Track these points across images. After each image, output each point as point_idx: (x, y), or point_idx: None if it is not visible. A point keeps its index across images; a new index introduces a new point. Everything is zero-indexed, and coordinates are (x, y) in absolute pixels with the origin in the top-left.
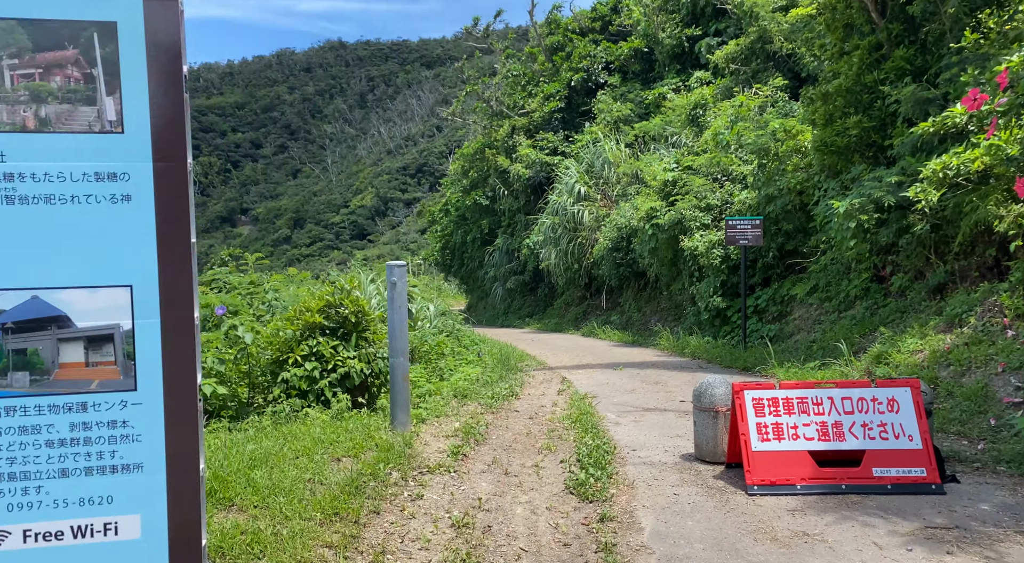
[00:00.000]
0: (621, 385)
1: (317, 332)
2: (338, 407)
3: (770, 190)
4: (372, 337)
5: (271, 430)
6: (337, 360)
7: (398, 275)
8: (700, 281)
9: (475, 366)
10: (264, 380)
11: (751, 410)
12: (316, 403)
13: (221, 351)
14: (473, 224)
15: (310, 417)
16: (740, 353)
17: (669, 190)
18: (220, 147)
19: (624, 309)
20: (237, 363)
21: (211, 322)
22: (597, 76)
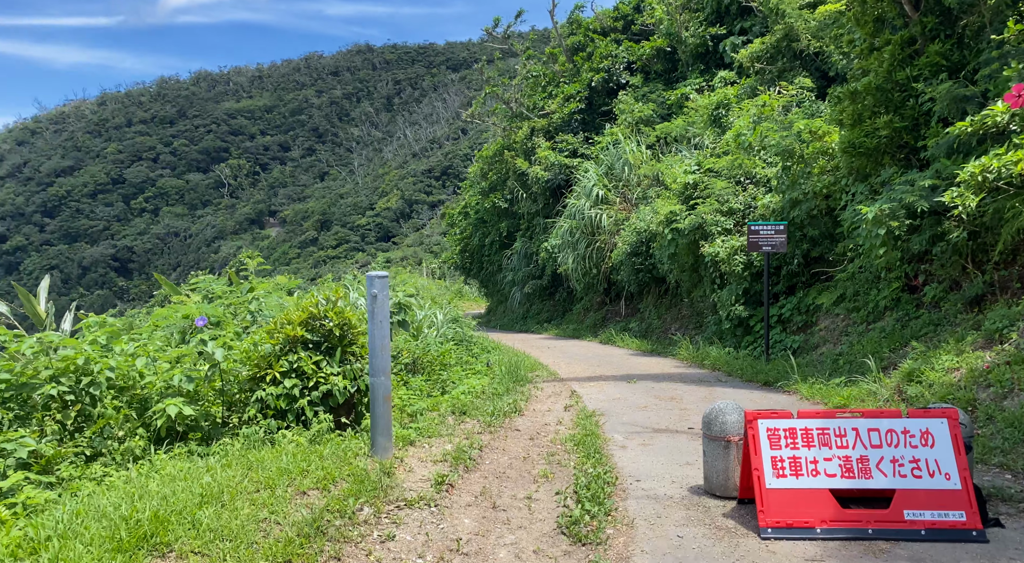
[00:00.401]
0: (633, 401)
1: (299, 346)
2: (318, 428)
3: (795, 194)
4: (360, 352)
5: (239, 456)
6: (319, 377)
7: (379, 287)
8: (722, 289)
9: (482, 377)
10: (242, 398)
11: (765, 442)
12: (296, 424)
13: (193, 368)
14: (492, 227)
15: (286, 440)
16: (762, 366)
17: (690, 193)
18: (249, 150)
19: (644, 316)
20: (209, 380)
21: (190, 334)
22: (619, 76)
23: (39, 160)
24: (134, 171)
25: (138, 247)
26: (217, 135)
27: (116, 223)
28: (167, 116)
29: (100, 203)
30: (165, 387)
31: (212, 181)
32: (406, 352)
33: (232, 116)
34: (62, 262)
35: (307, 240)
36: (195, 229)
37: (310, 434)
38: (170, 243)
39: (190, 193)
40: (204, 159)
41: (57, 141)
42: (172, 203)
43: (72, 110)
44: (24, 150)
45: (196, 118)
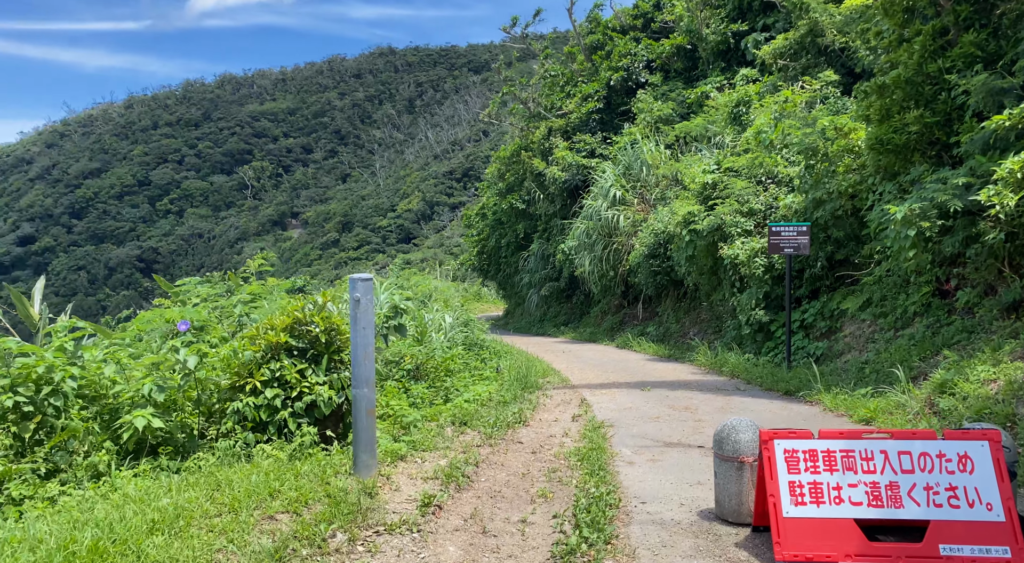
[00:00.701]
0: (645, 411)
1: (282, 354)
2: (301, 442)
3: (818, 193)
4: (349, 359)
5: (208, 474)
6: (303, 386)
7: (362, 290)
8: (741, 292)
9: (491, 383)
10: (222, 409)
11: (782, 464)
12: (278, 437)
13: (168, 376)
14: (509, 228)
15: (264, 455)
16: (783, 374)
17: (708, 193)
18: (272, 152)
19: (662, 320)
20: (184, 390)
21: (171, 340)
22: (638, 75)
23: (67, 162)
24: (159, 173)
25: (163, 248)
26: (241, 137)
27: (142, 224)
28: (192, 119)
29: (126, 205)
30: (135, 397)
31: (236, 183)
32: (409, 358)
33: (256, 118)
34: (89, 263)
35: (329, 241)
36: (218, 230)
37: (291, 448)
38: (194, 244)
39: (214, 195)
40: (228, 161)
41: (85, 144)
42: (196, 205)
43: (100, 113)
44: (53, 152)
45: (220, 121)
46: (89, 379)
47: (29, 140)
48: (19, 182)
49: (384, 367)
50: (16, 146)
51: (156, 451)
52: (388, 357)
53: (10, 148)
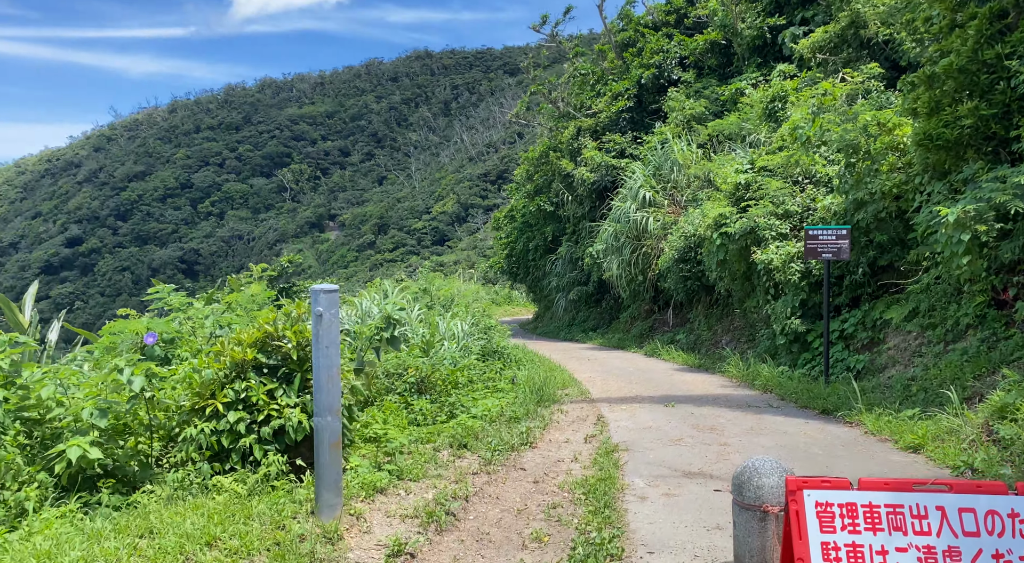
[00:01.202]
0: (667, 431)
1: (250, 372)
2: (266, 472)
3: (860, 194)
4: None
5: (147, 514)
6: (272, 409)
7: (325, 304)
8: (776, 300)
9: (505, 395)
10: (182, 433)
11: (813, 521)
12: (242, 465)
13: (114, 398)
14: (537, 231)
15: (221, 489)
16: (819, 389)
17: (741, 194)
18: (311, 155)
19: (693, 326)
20: (132, 413)
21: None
22: (670, 72)
23: (113, 166)
24: (201, 176)
25: (204, 249)
26: (280, 141)
27: (184, 226)
28: (233, 122)
29: (169, 207)
30: (76, 422)
31: (275, 185)
32: (412, 370)
33: (295, 122)
34: (133, 264)
35: (365, 243)
36: (258, 232)
37: (254, 480)
38: (234, 246)
39: (254, 197)
40: (267, 164)
41: (130, 147)
42: (237, 207)
43: (144, 117)
44: (100, 156)
45: (260, 124)
46: (31, 402)
47: (78, 144)
48: (68, 185)
49: (386, 380)
50: (66, 150)
51: (94, 484)
52: (390, 369)
53: (60, 152)
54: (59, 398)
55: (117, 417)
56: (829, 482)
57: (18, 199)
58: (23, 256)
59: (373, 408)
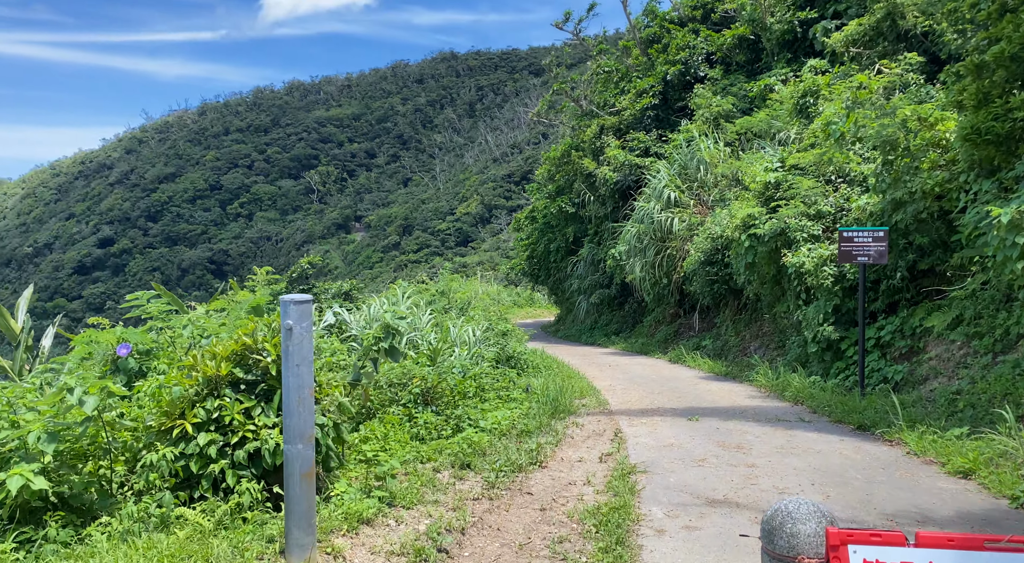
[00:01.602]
0: (690, 449)
1: (224, 389)
2: (238, 502)
3: (898, 193)
4: (317, 395)
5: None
6: (248, 430)
7: (296, 316)
8: (807, 305)
9: (518, 406)
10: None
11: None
12: (213, 492)
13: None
14: (558, 232)
15: (183, 522)
16: (855, 402)
17: (771, 194)
18: (337, 157)
19: (720, 332)
20: (84, 437)
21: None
22: (696, 69)
23: (144, 167)
24: (230, 177)
25: (233, 250)
26: (307, 143)
27: (213, 227)
28: (261, 125)
29: (198, 208)
30: (21, 447)
31: (302, 187)
32: (417, 380)
33: (322, 124)
34: (163, 264)
35: (390, 244)
36: (286, 233)
37: (224, 511)
38: (262, 247)
39: (282, 199)
40: (295, 166)
41: (161, 149)
42: (265, 208)
43: (175, 120)
44: (132, 158)
45: (288, 126)
46: None
47: (110, 146)
48: (100, 186)
49: (390, 390)
50: (98, 152)
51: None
52: (394, 379)
53: (93, 154)
54: (12, 418)
55: (74, 440)
56: (880, 536)
57: (53, 200)
58: (57, 256)
59: (374, 421)
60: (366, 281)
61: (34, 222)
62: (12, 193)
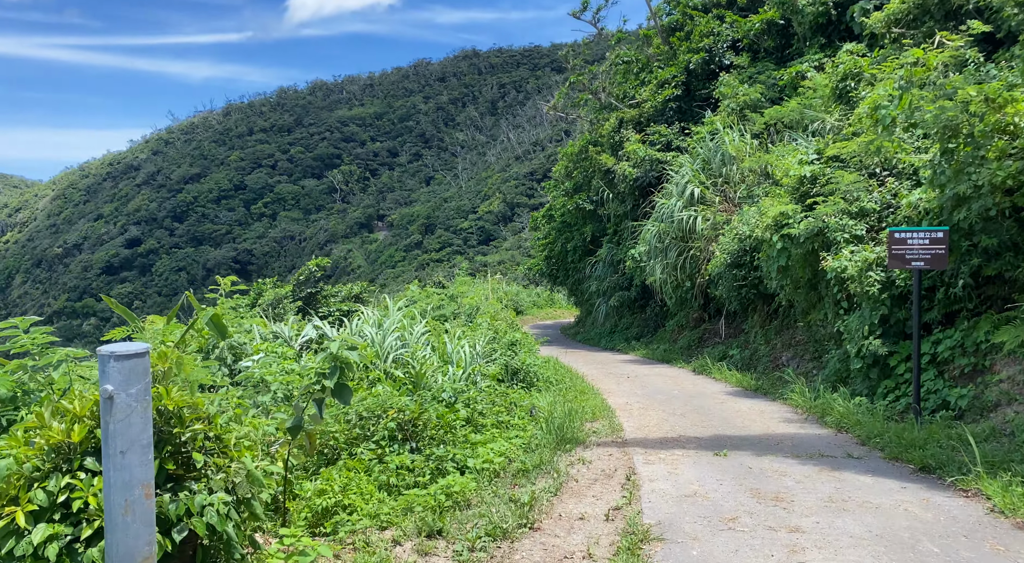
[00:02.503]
0: (717, 499)
1: (78, 459)
2: None
3: (960, 187)
4: (224, 468)
5: None
6: None
7: (119, 379)
8: (849, 313)
9: (517, 435)
10: None
11: None
12: None
13: None
14: (576, 231)
15: None
16: (912, 433)
17: (807, 189)
18: (360, 156)
19: (748, 339)
20: None
21: None
22: (721, 57)
23: (170, 168)
24: (254, 177)
25: (257, 250)
26: (330, 142)
27: (237, 227)
28: (285, 125)
29: (223, 208)
30: None
31: (325, 186)
32: (392, 412)
33: (344, 124)
34: (189, 264)
35: (412, 243)
36: (309, 233)
37: None
38: (286, 246)
39: (305, 198)
40: (318, 165)
41: (186, 150)
42: (288, 208)
43: (200, 121)
44: (158, 159)
45: (311, 126)
46: None
47: (137, 148)
48: (128, 188)
49: (359, 424)
50: (126, 154)
51: None
52: (364, 411)
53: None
54: None
55: None
56: None
57: (82, 202)
58: (86, 257)
59: (332, 469)
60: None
61: (64, 223)
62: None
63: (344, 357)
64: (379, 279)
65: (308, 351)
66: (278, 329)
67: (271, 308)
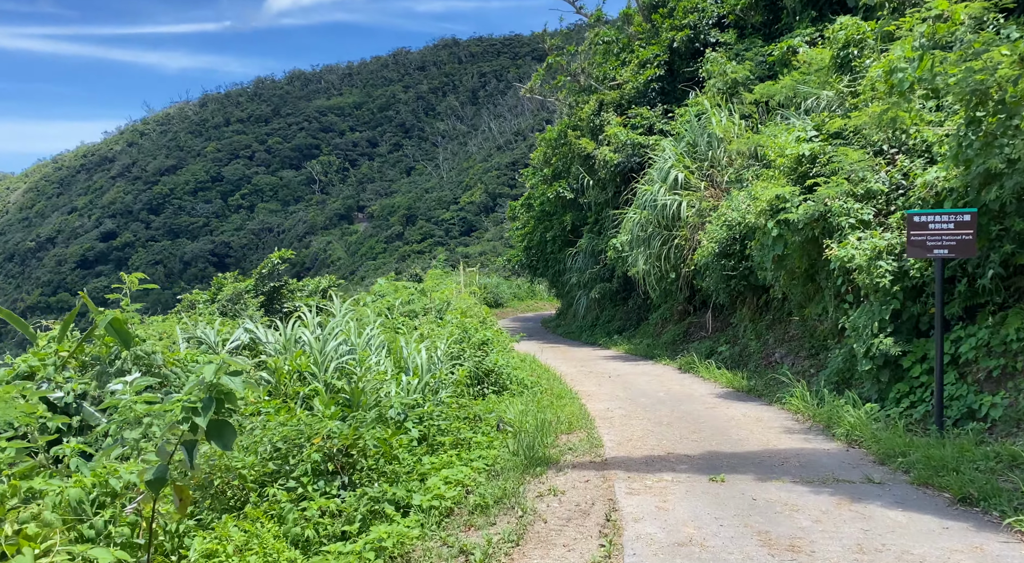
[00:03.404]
0: (716, 551)
1: None
2: None
3: (991, 161)
4: None
5: None
6: None
7: None
8: (854, 307)
9: (480, 455)
10: None
11: None
12: None
13: None
14: (556, 220)
15: None
16: (939, 449)
17: (805, 169)
18: (339, 146)
19: (737, 333)
20: None
21: None
22: (706, 34)
23: (146, 160)
24: (231, 169)
25: (235, 242)
26: (309, 132)
27: (215, 219)
28: (263, 115)
29: (200, 200)
30: None
31: (304, 178)
32: (318, 441)
33: (323, 113)
34: (166, 257)
35: (393, 234)
36: (287, 224)
37: None
38: (264, 238)
39: (283, 189)
40: (296, 156)
41: (162, 141)
42: (266, 199)
43: (176, 112)
44: (133, 151)
45: (289, 116)
46: None
47: (112, 140)
48: (102, 180)
49: (277, 456)
50: (100, 145)
51: None
52: (278, 442)
53: (95, 147)
54: None
55: None
56: None
57: (55, 195)
58: (60, 250)
59: (230, 519)
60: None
61: (36, 216)
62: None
63: (222, 386)
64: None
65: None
66: (202, 333)
67: (231, 304)
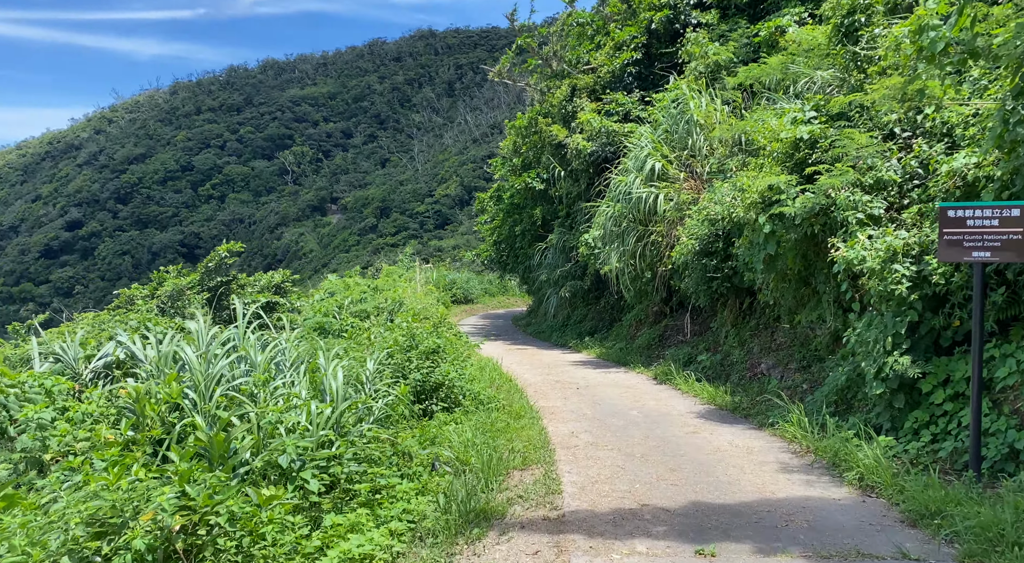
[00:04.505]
0: None
1: None
2: None
3: None
4: None
5: None
6: None
7: None
8: (859, 316)
9: (402, 510)
10: None
11: None
12: None
13: None
14: (525, 213)
15: None
16: (985, 507)
17: (803, 156)
18: (312, 137)
19: (718, 340)
20: None
21: None
22: (687, 15)
23: (113, 148)
24: (202, 158)
25: (204, 233)
26: (282, 122)
27: (184, 209)
28: (235, 104)
29: (169, 190)
30: None
31: (276, 168)
32: (147, 516)
33: (296, 103)
34: (133, 248)
35: (367, 227)
36: (259, 215)
37: None
38: (235, 229)
39: (255, 180)
40: (269, 146)
41: (131, 129)
42: (238, 190)
43: (146, 99)
44: (100, 139)
45: (262, 106)
46: None
47: (79, 126)
48: (68, 168)
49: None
50: (67, 132)
51: None
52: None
53: (61, 134)
54: None
55: None
56: None
57: (19, 182)
58: (23, 240)
59: None
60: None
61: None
62: None
63: None
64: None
65: (106, 381)
66: (60, 348)
67: (171, 302)
